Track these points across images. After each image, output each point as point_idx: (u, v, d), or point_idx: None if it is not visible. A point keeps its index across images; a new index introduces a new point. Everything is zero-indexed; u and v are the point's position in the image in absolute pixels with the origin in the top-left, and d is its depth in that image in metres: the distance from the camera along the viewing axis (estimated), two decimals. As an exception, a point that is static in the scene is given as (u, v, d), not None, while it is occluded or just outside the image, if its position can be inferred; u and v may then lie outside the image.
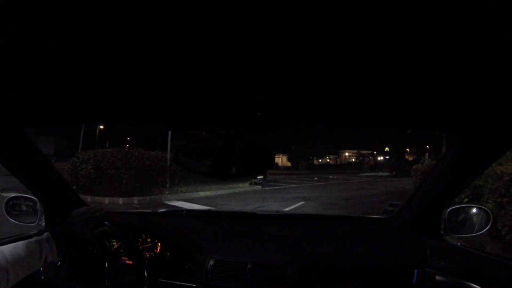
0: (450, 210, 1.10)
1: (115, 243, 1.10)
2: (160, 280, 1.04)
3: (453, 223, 1.12)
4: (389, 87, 0.52)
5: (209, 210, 1.50)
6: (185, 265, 1.07)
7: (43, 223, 1.20)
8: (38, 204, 1.19)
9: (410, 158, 32.43)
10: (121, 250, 1.06)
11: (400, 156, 32.69)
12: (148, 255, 1.10)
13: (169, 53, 0.41)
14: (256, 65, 0.44)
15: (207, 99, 0.60)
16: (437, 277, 1.07)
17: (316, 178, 15.55)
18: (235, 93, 0.57)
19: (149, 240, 1.12)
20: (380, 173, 21.03)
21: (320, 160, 40.74)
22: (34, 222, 1.19)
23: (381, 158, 32.67)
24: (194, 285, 1.04)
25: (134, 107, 0.69)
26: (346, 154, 39.46)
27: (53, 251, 0.68)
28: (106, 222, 0.87)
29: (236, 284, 1.04)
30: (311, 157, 38.57)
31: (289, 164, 34.25)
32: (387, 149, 34.85)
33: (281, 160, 33.75)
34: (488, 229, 1.10)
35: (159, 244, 1.11)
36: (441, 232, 1.11)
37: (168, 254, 1.09)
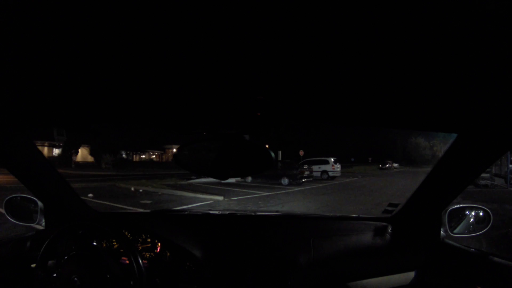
0: (450, 210, 1.10)
1: (115, 243, 1.10)
2: (160, 281, 1.04)
3: (453, 223, 1.12)
4: (389, 87, 0.52)
5: (209, 210, 1.50)
6: (185, 265, 1.07)
7: (43, 223, 1.20)
8: (38, 204, 1.19)
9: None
10: (121, 250, 1.06)
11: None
12: (148, 255, 1.10)
13: (169, 53, 0.41)
14: (256, 65, 0.44)
15: (207, 99, 0.60)
16: (436, 278, 1.07)
17: (91, 195, 7.14)
18: (235, 93, 0.57)
19: (149, 240, 1.12)
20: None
21: (143, 156, 33.13)
22: (34, 222, 1.20)
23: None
24: (194, 286, 1.04)
25: (134, 108, 0.69)
26: (175, 150, 31.49)
27: None
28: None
29: (237, 284, 1.04)
30: (128, 152, 29.52)
31: (91, 159, 23.60)
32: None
33: (73, 154, 21.98)
34: (488, 229, 1.10)
35: (159, 244, 1.11)
36: (441, 232, 1.11)
37: (168, 254, 1.09)
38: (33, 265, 0.96)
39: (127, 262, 0.97)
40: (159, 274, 1.04)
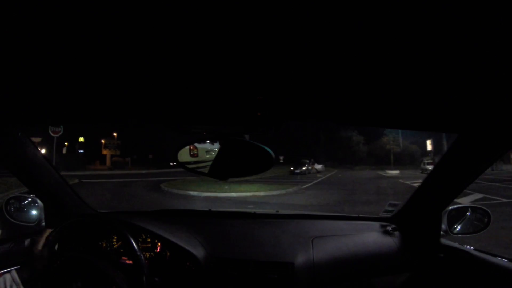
0: (450, 210, 1.10)
1: (115, 243, 1.10)
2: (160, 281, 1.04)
3: (453, 223, 1.12)
4: (389, 87, 0.52)
5: (209, 210, 1.49)
6: (185, 265, 1.07)
7: (43, 223, 1.20)
8: (38, 204, 1.19)
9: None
10: (121, 250, 1.06)
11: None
12: (148, 255, 1.10)
13: (169, 52, 0.41)
14: (256, 65, 0.44)
15: (207, 98, 0.60)
16: (436, 278, 1.07)
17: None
18: (235, 93, 0.57)
19: (149, 240, 1.12)
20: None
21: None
22: (34, 222, 1.19)
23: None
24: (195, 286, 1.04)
25: (133, 107, 0.69)
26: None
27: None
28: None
29: (237, 284, 1.04)
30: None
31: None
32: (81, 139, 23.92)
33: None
34: (488, 229, 1.10)
35: (159, 244, 1.11)
36: (441, 232, 1.11)
37: (168, 254, 1.09)
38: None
39: (127, 262, 0.97)
40: (159, 274, 1.04)
